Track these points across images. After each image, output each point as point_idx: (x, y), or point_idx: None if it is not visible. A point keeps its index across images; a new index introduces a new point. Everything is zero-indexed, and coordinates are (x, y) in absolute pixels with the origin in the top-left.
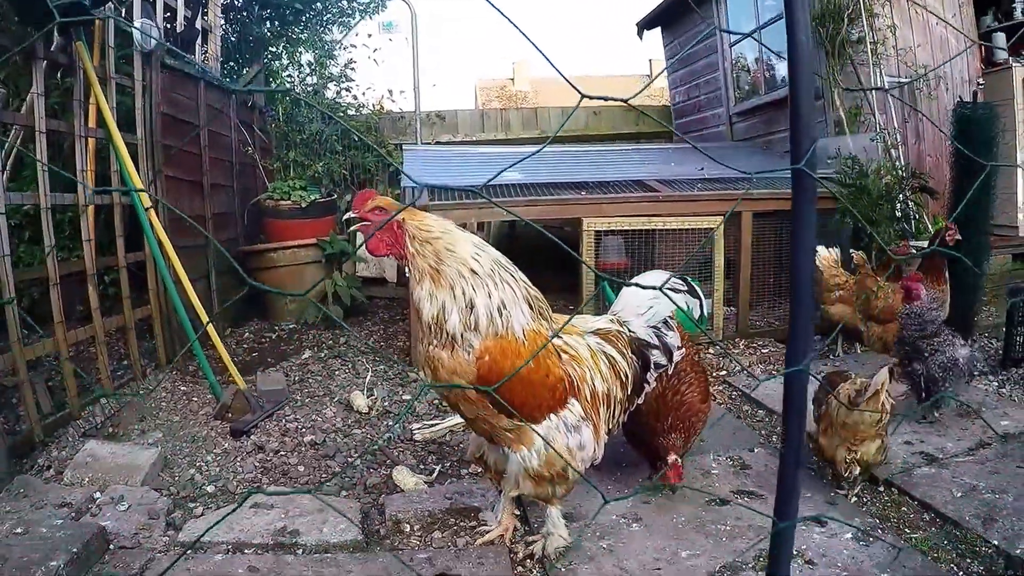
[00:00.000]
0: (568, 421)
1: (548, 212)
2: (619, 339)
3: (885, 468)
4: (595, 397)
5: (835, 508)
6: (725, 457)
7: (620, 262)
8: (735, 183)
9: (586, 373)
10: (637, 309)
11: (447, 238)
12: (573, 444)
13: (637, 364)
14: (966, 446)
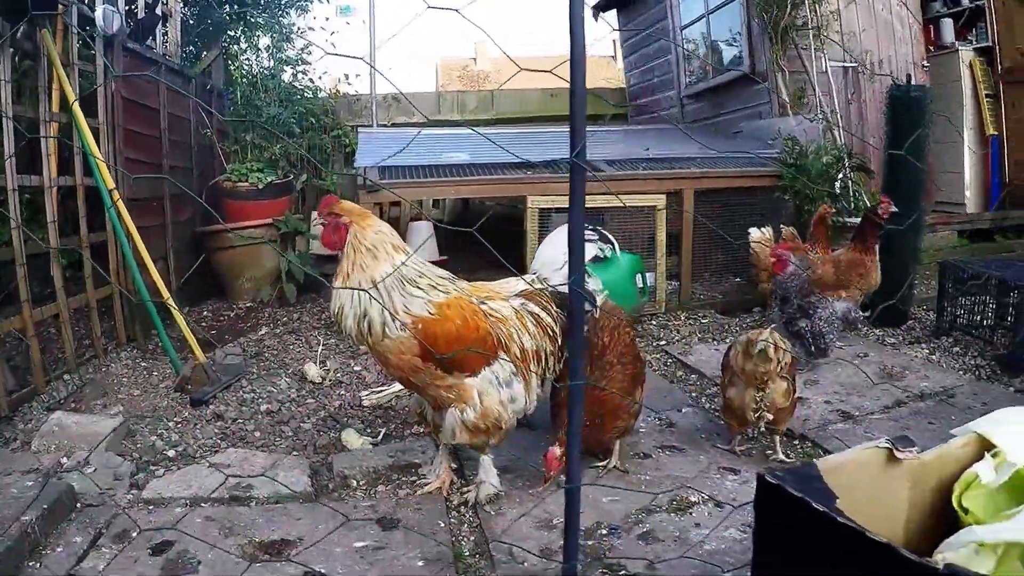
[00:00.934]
0: (500, 376)
1: (494, 191)
2: (541, 296)
3: (803, 424)
4: (524, 354)
5: (751, 459)
6: (654, 418)
7: None
8: (678, 162)
9: (513, 333)
10: (553, 265)
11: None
12: (505, 397)
13: (563, 316)
14: (883, 404)
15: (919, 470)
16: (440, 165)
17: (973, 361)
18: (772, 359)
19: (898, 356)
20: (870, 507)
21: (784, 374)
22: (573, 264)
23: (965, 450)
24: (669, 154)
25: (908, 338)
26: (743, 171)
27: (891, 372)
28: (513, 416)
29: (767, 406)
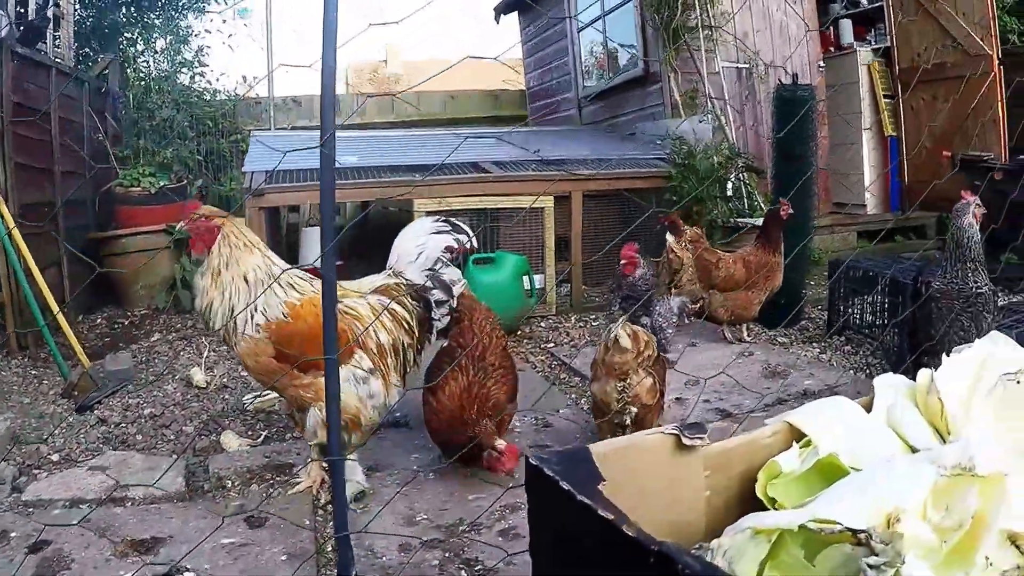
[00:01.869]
0: (357, 374)
1: (380, 194)
2: (397, 290)
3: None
4: (381, 349)
5: None
6: (531, 418)
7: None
8: (569, 164)
9: (369, 329)
10: (408, 258)
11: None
12: (363, 393)
13: (419, 307)
14: (764, 403)
15: (720, 457)
16: None
17: (864, 360)
18: (628, 349)
19: (786, 355)
20: (658, 493)
21: (648, 369)
22: (323, 247)
23: (775, 438)
24: (560, 156)
25: (800, 337)
26: (632, 173)
27: (776, 371)
28: (374, 412)
29: (630, 398)
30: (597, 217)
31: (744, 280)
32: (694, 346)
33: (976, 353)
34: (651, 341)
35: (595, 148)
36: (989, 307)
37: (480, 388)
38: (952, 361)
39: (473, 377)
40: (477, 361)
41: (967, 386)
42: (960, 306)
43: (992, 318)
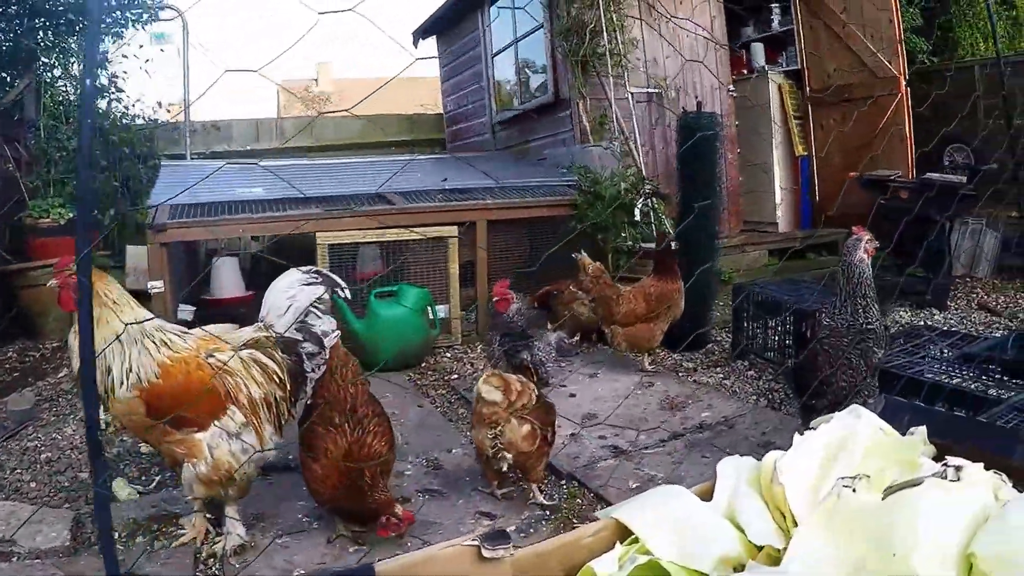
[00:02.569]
0: (230, 429)
1: (282, 228)
2: (268, 343)
3: (572, 462)
4: (253, 404)
5: (511, 504)
6: (422, 459)
7: (376, 271)
8: (476, 193)
9: (240, 383)
10: (278, 311)
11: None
12: (236, 448)
13: (291, 360)
14: (659, 438)
15: (533, 563)
16: (233, 201)
17: (767, 385)
18: (496, 401)
19: (685, 385)
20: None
21: (525, 416)
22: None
23: (598, 537)
24: (467, 184)
25: (706, 362)
26: (538, 201)
27: (674, 402)
28: (249, 466)
29: (504, 446)
30: (506, 244)
31: (645, 314)
32: (595, 377)
33: (832, 431)
34: (526, 388)
35: (504, 174)
36: (880, 342)
37: (361, 448)
38: (805, 440)
39: (352, 437)
40: (350, 416)
41: (814, 477)
42: (849, 343)
43: (883, 352)
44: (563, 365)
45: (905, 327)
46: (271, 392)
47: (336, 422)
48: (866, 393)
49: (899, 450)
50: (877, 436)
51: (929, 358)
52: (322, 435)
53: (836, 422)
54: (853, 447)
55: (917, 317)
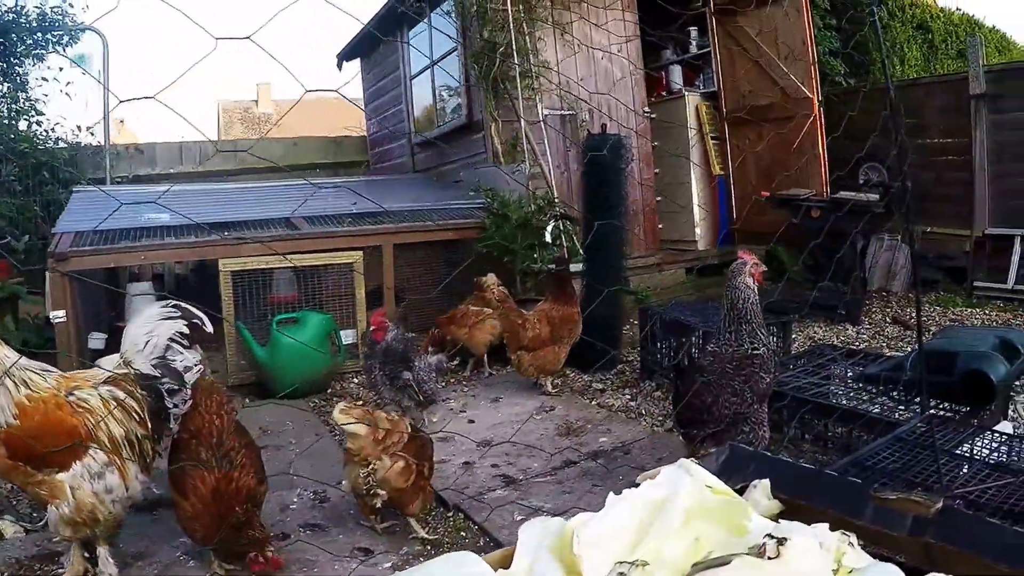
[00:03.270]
0: (92, 469)
1: (186, 255)
2: (127, 380)
3: (461, 492)
4: (115, 442)
5: (392, 538)
6: (310, 491)
7: (290, 295)
8: (385, 217)
9: (100, 422)
10: (136, 347)
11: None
12: (99, 489)
13: (151, 398)
14: (553, 465)
15: None
16: (138, 228)
17: (671, 407)
18: (361, 435)
19: (588, 409)
20: None
21: (399, 452)
22: None
23: None
24: (377, 208)
25: (616, 383)
26: (445, 224)
27: (573, 427)
28: (114, 506)
29: (376, 483)
30: (419, 266)
31: (550, 337)
32: (498, 402)
33: (654, 490)
34: (397, 424)
35: (419, 197)
36: (767, 367)
37: (230, 484)
38: (621, 500)
39: (220, 474)
40: (216, 450)
41: (626, 544)
42: (734, 369)
43: (771, 378)
44: (443, 387)
45: (811, 346)
46: (132, 430)
47: (203, 457)
48: (753, 420)
49: (727, 512)
50: (704, 496)
51: (834, 378)
52: (189, 472)
53: (662, 478)
54: (673, 509)
55: (831, 333)
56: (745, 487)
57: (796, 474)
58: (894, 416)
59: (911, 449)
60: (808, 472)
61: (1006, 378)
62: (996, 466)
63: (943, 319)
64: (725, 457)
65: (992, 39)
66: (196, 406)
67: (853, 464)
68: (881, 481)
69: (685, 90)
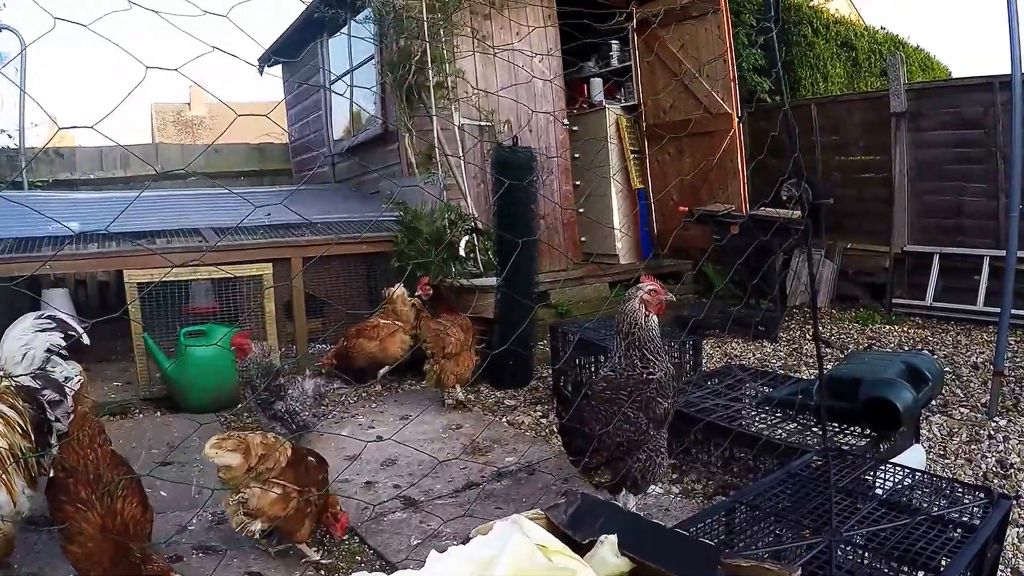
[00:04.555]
0: None
1: (92, 265)
2: (8, 393)
3: (360, 514)
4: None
5: (284, 562)
6: (209, 512)
7: (210, 306)
8: (297, 228)
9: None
10: (14, 359)
11: None
12: None
13: (33, 409)
14: (455, 487)
15: None
16: (43, 237)
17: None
18: (231, 465)
19: (497, 427)
20: None
21: (275, 479)
22: None
23: None
24: (289, 220)
25: (529, 399)
26: (357, 236)
27: (479, 446)
28: (3, 523)
29: (252, 511)
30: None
31: (465, 343)
32: (406, 419)
33: (480, 548)
34: (272, 449)
35: (334, 208)
36: (664, 392)
37: (115, 518)
38: (443, 559)
39: (103, 509)
40: (95, 484)
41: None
42: (627, 395)
43: (669, 403)
44: (322, 413)
45: (723, 365)
46: (16, 444)
47: (83, 496)
48: (649, 448)
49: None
50: (533, 557)
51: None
52: (72, 514)
53: (493, 535)
54: (497, 572)
55: (748, 349)
56: (594, 542)
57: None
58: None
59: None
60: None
61: (912, 405)
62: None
63: (862, 337)
64: (576, 507)
65: (916, 58)
66: (71, 441)
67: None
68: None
69: (606, 103)
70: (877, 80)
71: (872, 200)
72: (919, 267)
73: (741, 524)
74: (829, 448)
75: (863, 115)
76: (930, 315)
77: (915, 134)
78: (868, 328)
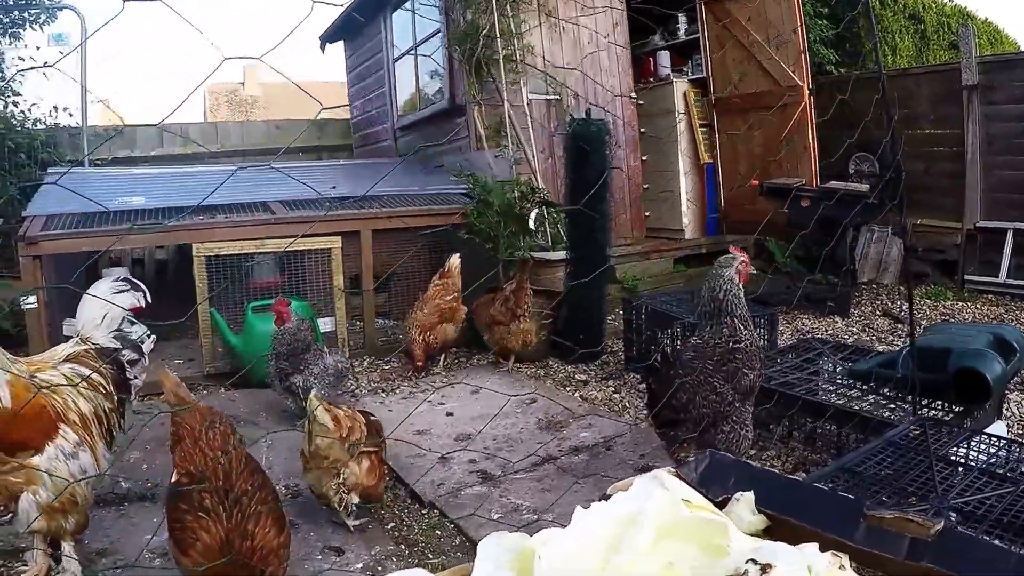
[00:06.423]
0: (65, 449)
1: (159, 239)
2: (89, 356)
3: (436, 489)
4: (85, 420)
5: (363, 536)
6: (282, 486)
7: (273, 281)
8: (365, 201)
9: (68, 400)
10: (94, 322)
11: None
12: (75, 470)
13: (114, 370)
14: (533, 461)
15: None
16: (115, 211)
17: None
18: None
19: (569, 401)
20: None
21: (363, 449)
22: None
23: None
24: (355, 192)
25: (599, 374)
26: (426, 209)
27: (554, 421)
28: (89, 489)
29: (348, 490)
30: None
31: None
32: (477, 393)
33: (624, 504)
34: (356, 420)
35: (400, 182)
36: (751, 363)
37: (243, 540)
38: (588, 515)
39: (230, 524)
40: (224, 496)
41: (592, 565)
42: (713, 365)
43: (756, 375)
44: (340, 392)
45: (798, 339)
46: (100, 405)
47: (206, 505)
48: (735, 420)
49: (703, 531)
50: (678, 512)
51: (822, 373)
52: (190, 524)
53: (634, 490)
54: (643, 526)
55: (820, 325)
56: (727, 499)
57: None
58: (885, 415)
59: (903, 453)
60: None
61: (1002, 377)
62: (992, 473)
63: (934, 313)
64: (705, 466)
65: (984, 31)
66: (196, 441)
67: (843, 469)
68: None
69: (673, 76)
70: (946, 53)
71: (942, 175)
72: (992, 243)
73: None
74: (926, 418)
75: (932, 88)
76: (1004, 292)
77: (987, 107)
78: (940, 305)
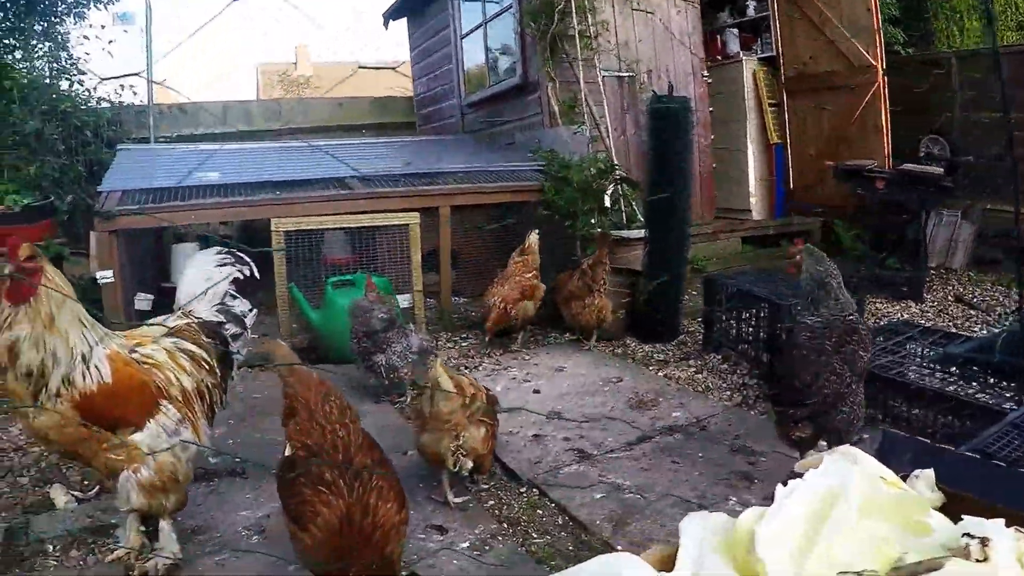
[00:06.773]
0: (168, 427)
1: (237, 214)
2: (190, 330)
3: (533, 467)
4: (186, 395)
5: (465, 515)
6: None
7: (344, 257)
8: (439, 177)
9: (170, 376)
10: (196, 295)
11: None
12: (177, 448)
13: (217, 344)
14: (626, 440)
15: None
16: (189, 187)
17: (740, 380)
18: (448, 407)
19: (656, 380)
20: None
21: (481, 418)
22: None
23: None
24: (431, 169)
25: (678, 354)
26: (503, 186)
27: (644, 400)
28: (188, 466)
29: (466, 453)
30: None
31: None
32: (561, 371)
33: (821, 481)
34: (479, 389)
35: (471, 159)
36: (866, 344)
37: (364, 515)
38: (790, 495)
39: (351, 498)
40: (344, 468)
41: (799, 545)
42: (832, 345)
43: (868, 357)
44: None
45: (886, 323)
46: (202, 380)
47: (327, 479)
48: (852, 401)
49: (904, 508)
50: (876, 488)
51: (912, 357)
52: (309, 497)
53: (827, 467)
54: (846, 504)
55: (894, 309)
56: (905, 476)
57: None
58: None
59: None
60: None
61: None
62: None
63: (1008, 300)
64: (879, 444)
65: None
66: (312, 414)
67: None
68: None
69: (742, 54)
70: (1013, 34)
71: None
72: None
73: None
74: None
75: (1007, 69)
76: None
77: None
78: (1014, 291)
